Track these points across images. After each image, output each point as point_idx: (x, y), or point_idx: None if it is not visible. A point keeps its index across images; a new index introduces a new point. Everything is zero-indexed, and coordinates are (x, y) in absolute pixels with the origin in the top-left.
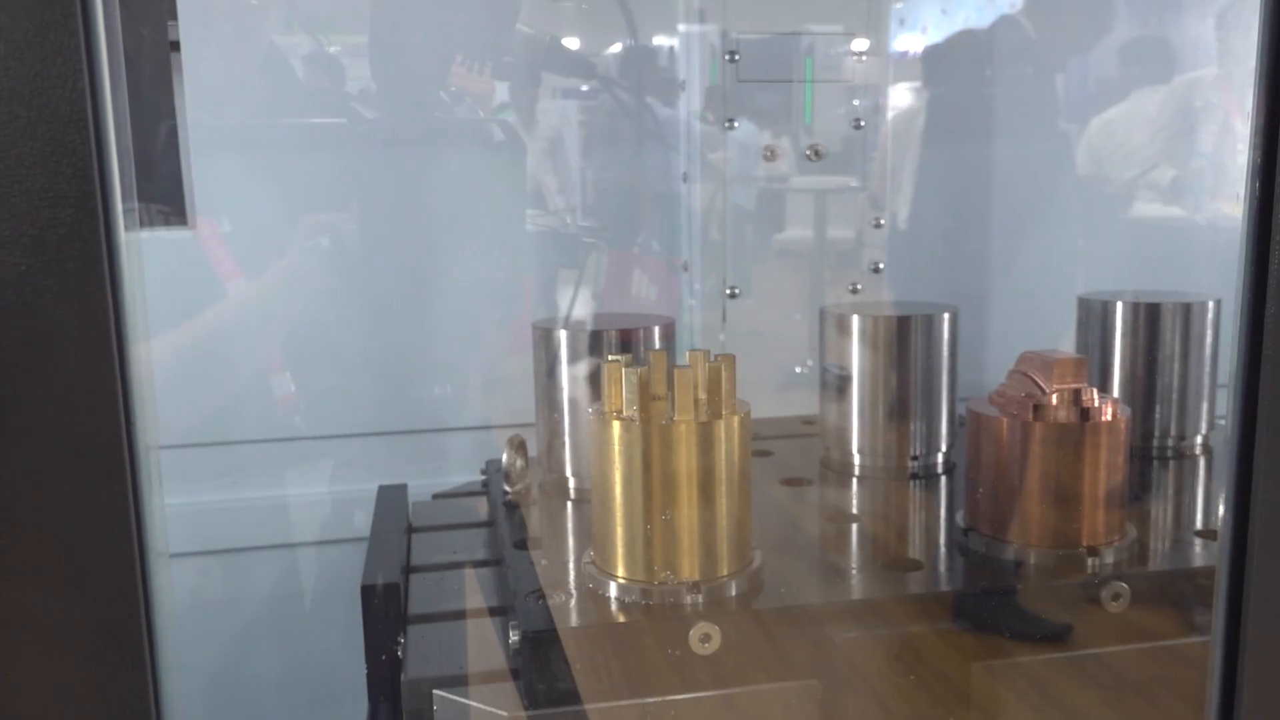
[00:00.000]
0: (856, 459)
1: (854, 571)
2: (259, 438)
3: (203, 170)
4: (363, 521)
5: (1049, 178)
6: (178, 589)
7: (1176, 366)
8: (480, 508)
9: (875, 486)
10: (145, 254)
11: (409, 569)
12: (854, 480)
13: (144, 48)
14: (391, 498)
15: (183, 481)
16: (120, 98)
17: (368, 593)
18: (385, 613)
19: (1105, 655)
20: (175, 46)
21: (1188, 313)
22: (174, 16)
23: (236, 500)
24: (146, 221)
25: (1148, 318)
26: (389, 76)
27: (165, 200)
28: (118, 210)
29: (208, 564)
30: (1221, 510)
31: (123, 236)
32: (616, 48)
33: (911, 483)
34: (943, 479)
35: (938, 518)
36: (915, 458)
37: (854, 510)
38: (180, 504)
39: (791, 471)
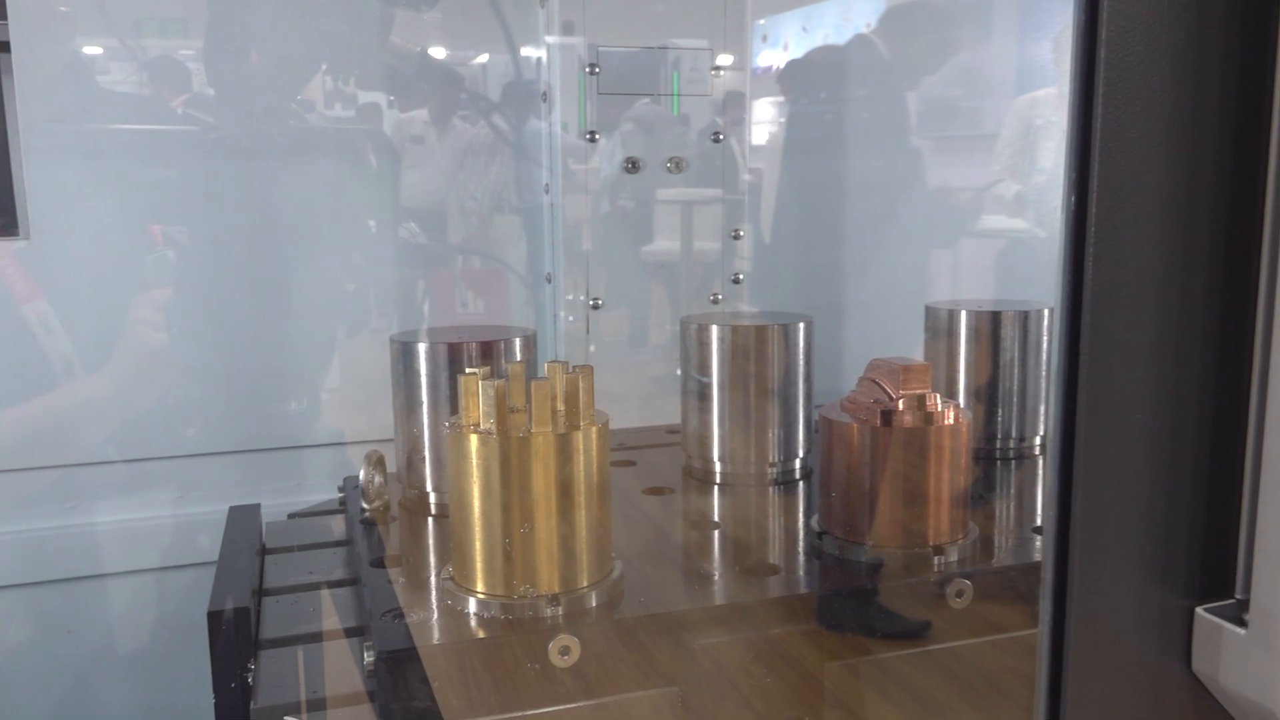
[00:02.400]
0: (718, 466)
1: (714, 577)
2: (103, 459)
3: (39, 178)
4: (214, 545)
5: (901, 191)
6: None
7: (1016, 371)
8: (337, 526)
9: (735, 493)
10: None
11: (261, 592)
12: (715, 488)
13: None
14: (243, 519)
15: (16, 508)
16: None
17: (214, 618)
18: (234, 638)
19: (952, 649)
20: (4, 47)
21: (1025, 320)
22: (3, 15)
23: (77, 526)
24: None
25: (989, 325)
26: (235, 83)
27: None
28: None
29: (44, 595)
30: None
31: None
32: (484, 58)
33: (771, 489)
34: (800, 484)
35: (795, 522)
36: (774, 464)
37: (715, 517)
38: (13, 532)
39: (654, 480)
